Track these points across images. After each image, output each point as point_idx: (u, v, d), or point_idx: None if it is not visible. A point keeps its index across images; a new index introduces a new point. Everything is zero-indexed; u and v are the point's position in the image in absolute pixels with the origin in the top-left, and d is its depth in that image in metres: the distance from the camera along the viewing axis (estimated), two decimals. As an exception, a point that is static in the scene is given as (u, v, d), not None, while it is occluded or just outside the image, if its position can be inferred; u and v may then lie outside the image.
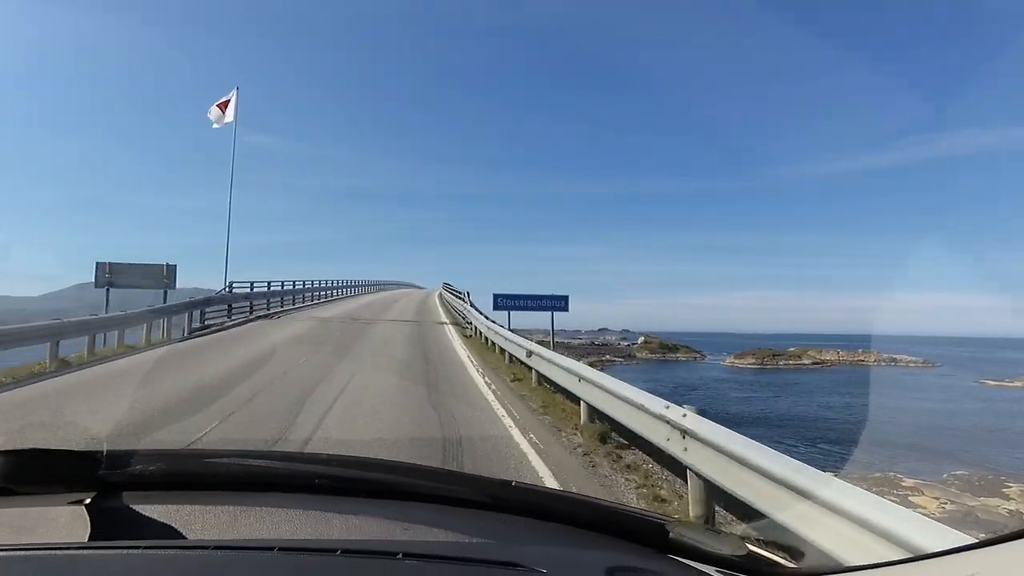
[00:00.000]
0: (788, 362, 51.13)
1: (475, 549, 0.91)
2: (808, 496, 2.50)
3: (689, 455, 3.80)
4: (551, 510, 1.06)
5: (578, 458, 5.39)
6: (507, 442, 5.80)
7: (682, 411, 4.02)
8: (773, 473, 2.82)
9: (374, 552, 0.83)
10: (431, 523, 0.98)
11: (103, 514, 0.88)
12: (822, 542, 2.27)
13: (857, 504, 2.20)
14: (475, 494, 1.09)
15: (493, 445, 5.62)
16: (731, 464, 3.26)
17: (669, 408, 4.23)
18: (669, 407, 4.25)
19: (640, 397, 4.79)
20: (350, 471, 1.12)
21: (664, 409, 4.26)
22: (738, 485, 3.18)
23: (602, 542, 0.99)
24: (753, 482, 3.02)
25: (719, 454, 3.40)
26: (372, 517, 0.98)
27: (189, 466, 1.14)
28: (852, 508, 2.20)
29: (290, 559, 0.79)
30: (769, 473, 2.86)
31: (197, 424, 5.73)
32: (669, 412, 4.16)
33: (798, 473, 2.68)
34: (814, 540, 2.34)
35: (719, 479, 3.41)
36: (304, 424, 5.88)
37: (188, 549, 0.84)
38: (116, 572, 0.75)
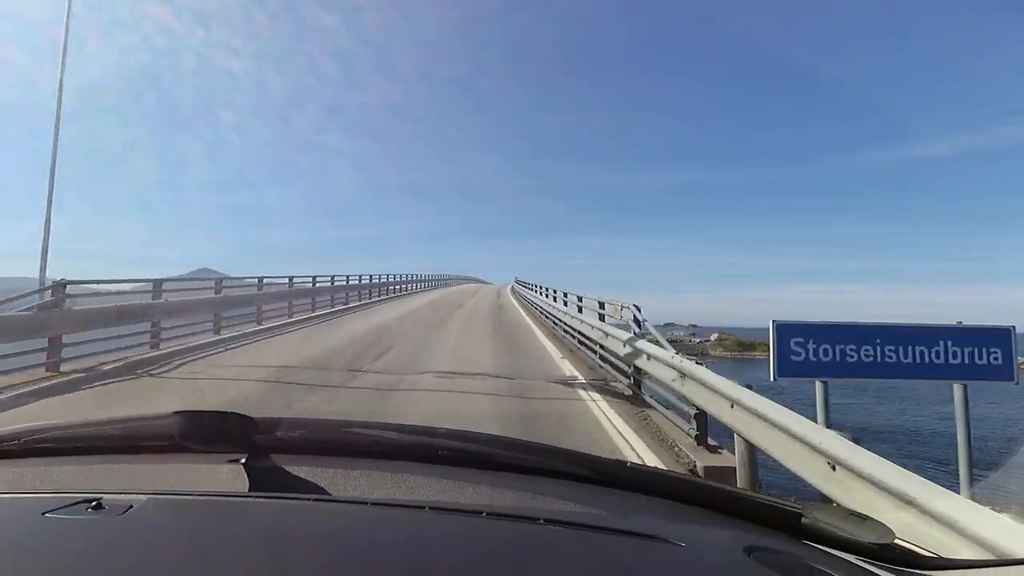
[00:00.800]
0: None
1: (610, 520, 0.92)
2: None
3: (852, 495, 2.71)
4: (673, 491, 1.07)
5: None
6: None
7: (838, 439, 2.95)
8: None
9: (517, 516, 0.86)
10: (555, 495, 1.01)
11: (257, 471, 0.96)
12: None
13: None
14: (592, 472, 1.11)
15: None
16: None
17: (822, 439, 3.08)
18: (821, 438, 3.11)
19: (801, 425, 3.42)
20: (475, 446, 1.17)
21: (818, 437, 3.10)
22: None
23: (728, 523, 0.96)
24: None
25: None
26: (502, 488, 1.03)
27: (327, 434, 1.25)
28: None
29: (441, 518, 0.84)
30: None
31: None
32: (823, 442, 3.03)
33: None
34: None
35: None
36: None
37: (345, 503, 0.90)
38: (276, 519, 0.82)
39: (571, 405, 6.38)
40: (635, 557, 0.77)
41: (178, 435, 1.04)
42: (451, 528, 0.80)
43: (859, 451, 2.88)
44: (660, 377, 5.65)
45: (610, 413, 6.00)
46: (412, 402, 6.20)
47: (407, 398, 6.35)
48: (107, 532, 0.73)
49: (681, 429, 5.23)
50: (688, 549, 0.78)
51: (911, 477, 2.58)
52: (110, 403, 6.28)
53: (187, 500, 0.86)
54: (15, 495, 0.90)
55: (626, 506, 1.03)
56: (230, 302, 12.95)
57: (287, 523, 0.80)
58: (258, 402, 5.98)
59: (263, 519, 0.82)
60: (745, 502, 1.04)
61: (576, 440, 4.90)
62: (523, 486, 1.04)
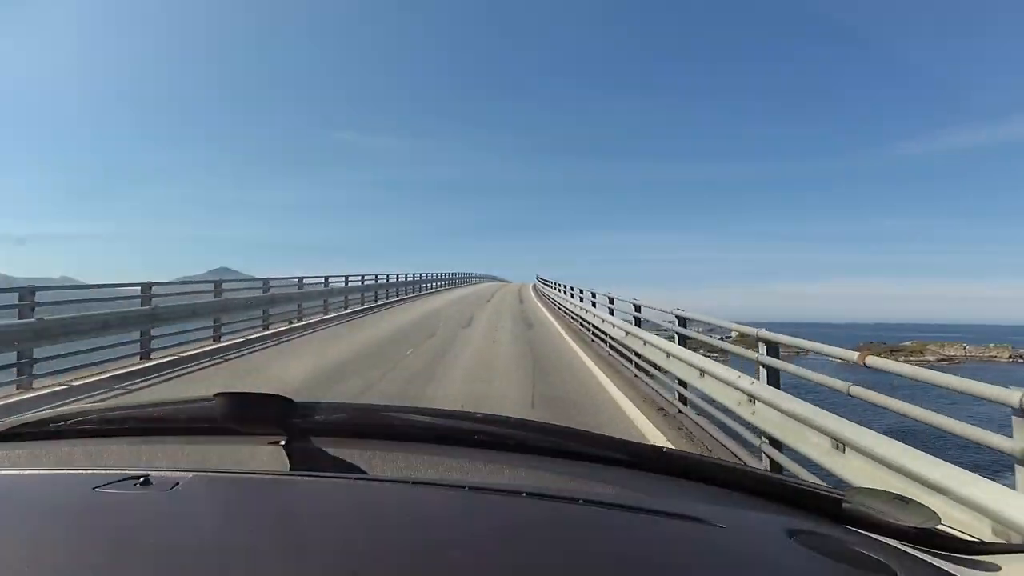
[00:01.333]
0: (909, 358, 44.34)
1: (651, 502, 0.91)
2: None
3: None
4: (711, 476, 1.04)
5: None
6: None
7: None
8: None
9: (557, 496, 0.86)
10: (593, 478, 1.01)
11: (297, 452, 0.99)
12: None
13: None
14: (632, 457, 1.09)
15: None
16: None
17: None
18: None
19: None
20: (508, 430, 1.16)
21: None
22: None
23: (772, 507, 0.94)
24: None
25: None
26: (540, 471, 1.04)
27: (365, 417, 1.24)
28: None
29: (480, 497, 0.84)
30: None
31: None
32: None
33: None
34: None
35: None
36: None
37: (387, 482, 0.93)
38: (318, 496, 0.84)
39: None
40: (676, 536, 0.79)
41: (220, 417, 1.05)
42: (491, 507, 0.83)
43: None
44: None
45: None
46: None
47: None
48: (156, 507, 0.77)
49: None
50: (730, 530, 0.79)
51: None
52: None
53: (232, 478, 0.88)
54: (66, 471, 0.93)
55: (665, 490, 1.02)
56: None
57: (328, 500, 0.83)
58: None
59: (305, 496, 0.85)
60: (785, 487, 1.03)
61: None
62: (561, 469, 1.05)
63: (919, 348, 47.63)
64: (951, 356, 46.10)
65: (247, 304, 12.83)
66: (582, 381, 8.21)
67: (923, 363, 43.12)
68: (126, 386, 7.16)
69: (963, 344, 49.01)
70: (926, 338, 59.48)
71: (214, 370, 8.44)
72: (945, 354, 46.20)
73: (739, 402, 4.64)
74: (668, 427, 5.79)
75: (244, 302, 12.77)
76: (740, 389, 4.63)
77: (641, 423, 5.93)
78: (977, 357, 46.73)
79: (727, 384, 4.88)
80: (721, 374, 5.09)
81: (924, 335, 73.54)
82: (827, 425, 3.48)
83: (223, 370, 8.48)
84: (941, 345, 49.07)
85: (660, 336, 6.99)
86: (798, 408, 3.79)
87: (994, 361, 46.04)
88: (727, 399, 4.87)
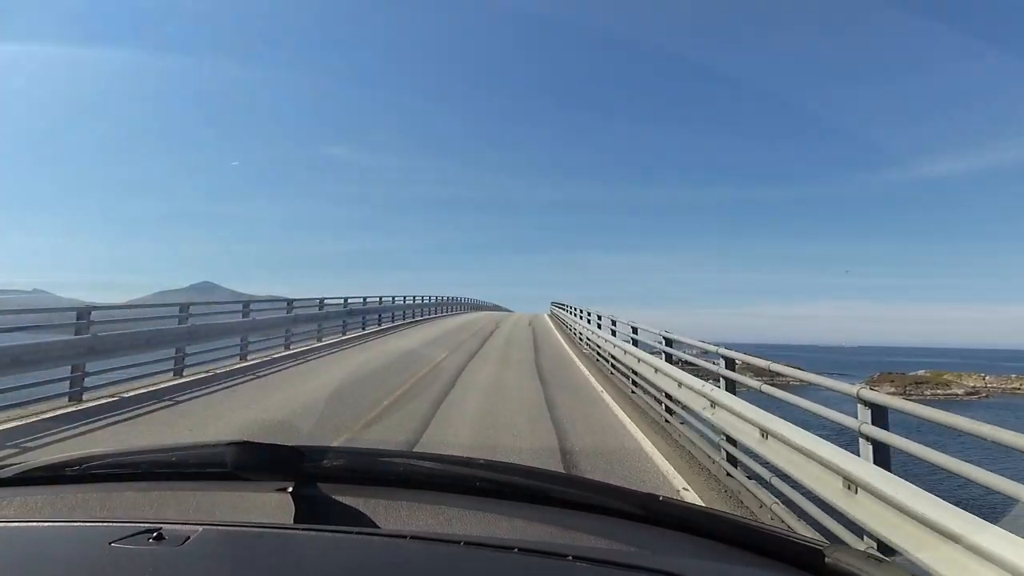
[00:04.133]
0: (936, 391, 42.28)
1: (637, 557, 0.94)
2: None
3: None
4: (699, 526, 1.07)
5: None
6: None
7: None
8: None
9: (547, 552, 0.87)
10: (586, 530, 1.03)
11: (303, 500, 1.03)
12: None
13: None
14: (625, 505, 1.11)
15: None
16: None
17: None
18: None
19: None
20: (507, 476, 1.18)
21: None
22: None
23: (754, 561, 0.98)
24: None
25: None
26: (535, 522, 1.06)
27: (369, 464, 1.26)
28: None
29: (474, 553, 0.86)
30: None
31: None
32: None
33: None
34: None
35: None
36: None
37: (386, 536, 0.94)
38: (324, 552, 0.86)
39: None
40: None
41: (231, 464, 1.07)
42: (483, 563, 0.85)
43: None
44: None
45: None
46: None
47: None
48: (169, 563, 0.79)
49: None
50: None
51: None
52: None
53: (240, 531, 0.90)
54: (83, 523, 0.95)
55: (655, 543, 1.03)
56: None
57: (330, 557, 0.85)
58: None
59: (309, 552, 0.86)
60: (772, 539, 1.04)
61: None
62: (555, 519, 1.06)
63: (946, 379, 45.25)
64: (977, 389, 44.31)
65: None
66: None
67: (951, 396, 41.21)
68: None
69: (982, 375, 46.88)
70: (914, 364, 58.04)
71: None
72: (969, 386, 44.29)
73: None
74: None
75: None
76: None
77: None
78: (999, 389, 45.31)
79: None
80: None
81: (912, 360, 72.42)
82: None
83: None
84: (958, 375, 47.13)
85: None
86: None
87: (1018, 393, 44.58)
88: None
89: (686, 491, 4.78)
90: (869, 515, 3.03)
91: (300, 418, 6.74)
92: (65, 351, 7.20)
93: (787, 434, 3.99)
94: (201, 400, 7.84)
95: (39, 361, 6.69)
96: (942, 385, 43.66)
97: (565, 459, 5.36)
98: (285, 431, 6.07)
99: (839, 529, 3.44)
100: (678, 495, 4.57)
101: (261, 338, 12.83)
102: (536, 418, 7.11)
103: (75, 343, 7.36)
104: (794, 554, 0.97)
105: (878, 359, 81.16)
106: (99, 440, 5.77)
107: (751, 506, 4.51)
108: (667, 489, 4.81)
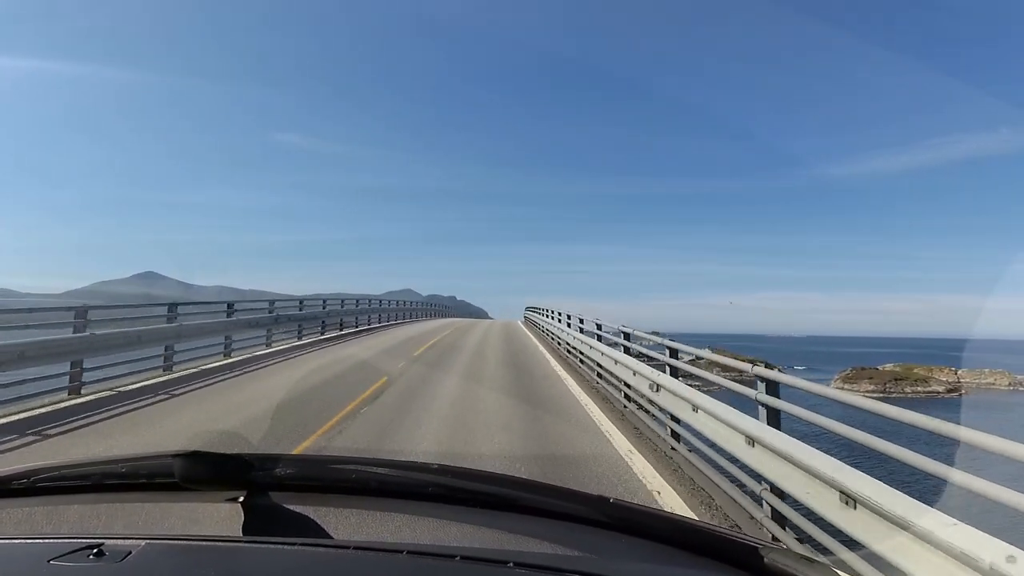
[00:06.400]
0: (916, 388, 40.46)
1: (579, 562, 0.95)
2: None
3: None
4: (647, 528, 1.08)
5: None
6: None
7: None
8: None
9: (488, 560, 0.89)
10: (533, 534, 1.04)
11: (254, 510, 1.02)
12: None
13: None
14: (574, 508, 1.12)
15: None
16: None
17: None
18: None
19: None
20: (459, 481, 1.17)
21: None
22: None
23: (696, 562, 1.00)
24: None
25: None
26: (480, 526, 1.06)
27: (320, 472, 1.25)
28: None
29: (416, 562, 0.87)
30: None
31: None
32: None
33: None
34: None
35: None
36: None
37: (330, 548, 0.96)
38: (268, 564, 0.87)
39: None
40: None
41: (179, 476, 1.05)
42: (423, 573, 0.85)
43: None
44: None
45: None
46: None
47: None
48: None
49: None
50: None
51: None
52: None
53: (185, 545, 0.90)
54: (24, 540, 0.94)
55: (600, 546, 1.04)
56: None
57: (275, 569, 0.86)
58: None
59: (253, 565, 0.87)
60: (715, 539, 1.06)
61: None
62: (507, 525, 1.06)
63: (923, 374, 42.88)
64: (956, 384, 42.44)
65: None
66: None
67: (932, 394, 38.85)
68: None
69: (953, 369, 45.22)
70: (866, 355, 55.70)
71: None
72: (945, 381, 42.44)
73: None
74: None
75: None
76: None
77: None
78: (974, 384, 43.92)
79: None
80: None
81: (861, 351, 72.90)
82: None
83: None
84: (928, 369, 44.98)
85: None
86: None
87: (992, 388, 43.65)
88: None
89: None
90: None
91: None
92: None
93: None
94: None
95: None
96: (920, 382, 42.40)
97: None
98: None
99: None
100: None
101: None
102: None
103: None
104: (735, 553, 1.00)
105: (831, 350, 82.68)
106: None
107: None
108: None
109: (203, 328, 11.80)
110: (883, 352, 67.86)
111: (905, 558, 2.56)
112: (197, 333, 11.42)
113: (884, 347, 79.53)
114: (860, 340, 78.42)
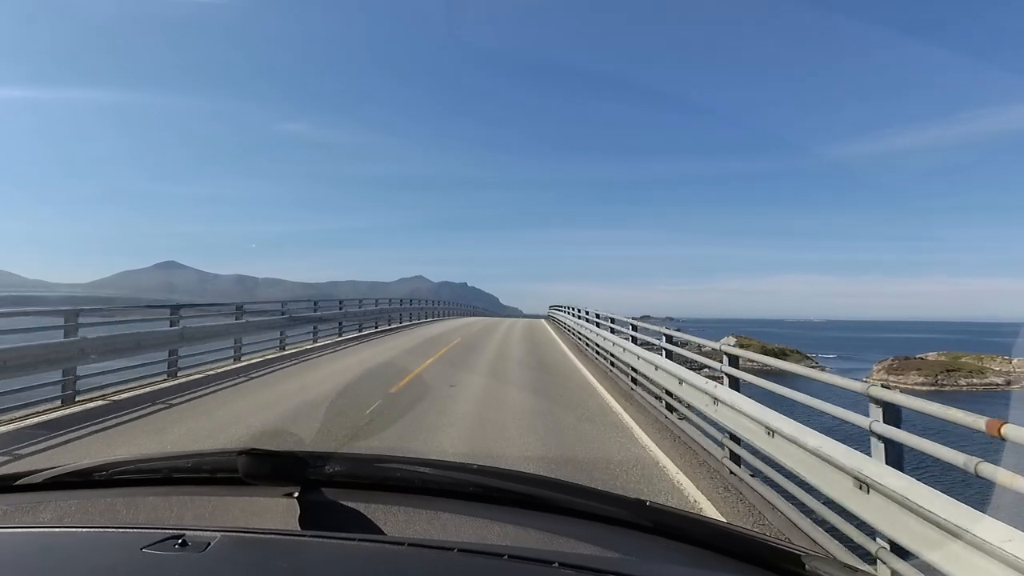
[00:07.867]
0: (973, 381, 36.07)
1: (621, 564, 0.96)
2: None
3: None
4: (685, 532, 1.09)
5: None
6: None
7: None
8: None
9: (535, 559, 0.91)
10: (572, 535, 1.06)
11: (308, 505, 1.10)
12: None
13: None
14: (611, 510, 1.14)
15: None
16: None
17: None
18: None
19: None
20: (498, 481, 1.22)
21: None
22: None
23: (736, 567, 1.00)
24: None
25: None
26: (527, 527, 1.08)
27: (368, 469, 1.32)
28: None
29: (466, 560, 0.89)
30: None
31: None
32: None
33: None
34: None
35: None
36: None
37: (387, 544, 0.98)
38: (330, 558, 0.91)
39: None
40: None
41: (243, 471, 1.12)
42: (474, 571, 0.88)
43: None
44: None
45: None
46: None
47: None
48: (195, 570, 0.84)
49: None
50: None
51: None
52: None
53: (254, 537, 0.97)
54: (116, 528, 1.02)
55: (640, 549, 1.05)
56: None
57: (337, 564, 0.90)
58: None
59: (317, 559, 0.90)
60: (755, 545, 1.07)
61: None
62: (546, 525, 1.08)
63: (977, 365, 37.82)
64: (1014, 375, 36.62)
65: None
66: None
67: (990, 387, 34.76)
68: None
69: (1007, 357, 39.44)
70: (894, 340, 52.86)
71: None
72: (1002, 371, 37.11)
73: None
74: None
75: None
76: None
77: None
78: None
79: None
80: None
81: (887, 336, 69.10)
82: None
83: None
84: (979, 358, 39.49)
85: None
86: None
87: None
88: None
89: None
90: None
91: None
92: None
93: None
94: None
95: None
96: (976, 373, 37.07)
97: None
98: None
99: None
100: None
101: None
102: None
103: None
104: (775, 560, 1.00)
105: (857, 335, 79.44)
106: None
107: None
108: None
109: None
110: (916, 338, 65.24)
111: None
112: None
113: (914, 332, 76.63)
114: (884, 325, 75.44)
